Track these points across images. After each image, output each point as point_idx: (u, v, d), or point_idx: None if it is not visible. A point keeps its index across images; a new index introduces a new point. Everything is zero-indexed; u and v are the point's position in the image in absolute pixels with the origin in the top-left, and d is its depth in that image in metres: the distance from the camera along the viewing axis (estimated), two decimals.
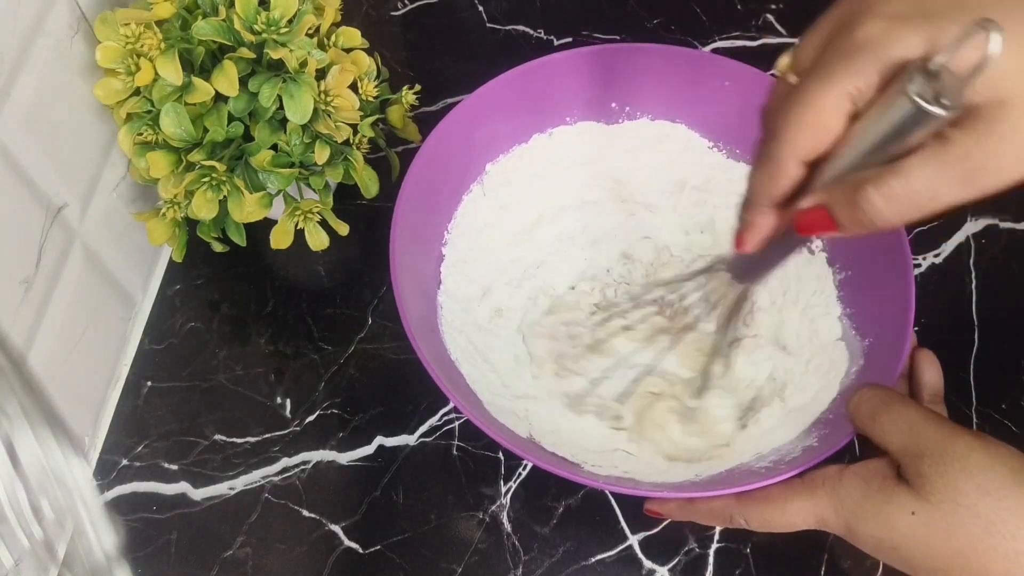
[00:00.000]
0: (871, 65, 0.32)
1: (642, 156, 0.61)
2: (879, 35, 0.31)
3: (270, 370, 0.59)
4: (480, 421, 0.45)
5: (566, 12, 0.75)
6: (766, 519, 0.43)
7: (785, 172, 0.35)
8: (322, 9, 0.55)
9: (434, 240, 0.57)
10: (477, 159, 0.59)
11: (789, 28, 0.73)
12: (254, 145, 0.52)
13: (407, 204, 0.53)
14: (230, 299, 0.62)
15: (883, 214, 0.32)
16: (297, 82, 0.50)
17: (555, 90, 0.59)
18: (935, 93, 0.30)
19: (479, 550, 0.53)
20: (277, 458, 0.56)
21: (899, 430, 0.40)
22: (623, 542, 0.53)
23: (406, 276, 0.51)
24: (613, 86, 0.59)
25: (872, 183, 0.32)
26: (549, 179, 0.61)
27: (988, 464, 0.37)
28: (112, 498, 0.54)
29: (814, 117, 0.33)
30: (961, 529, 0.37)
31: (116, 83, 0.50)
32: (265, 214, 0.53)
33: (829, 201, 0.34)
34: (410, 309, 0.49)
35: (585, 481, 0.46)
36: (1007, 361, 0.59)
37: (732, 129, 0.59)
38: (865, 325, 0.52)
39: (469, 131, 0.57)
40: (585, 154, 0.61)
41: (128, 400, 0.58)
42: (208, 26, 0.49)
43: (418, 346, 0.47)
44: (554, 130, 0.60)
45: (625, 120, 0.61)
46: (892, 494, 0.39)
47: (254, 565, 0.52)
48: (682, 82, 0.58)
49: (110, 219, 0.56)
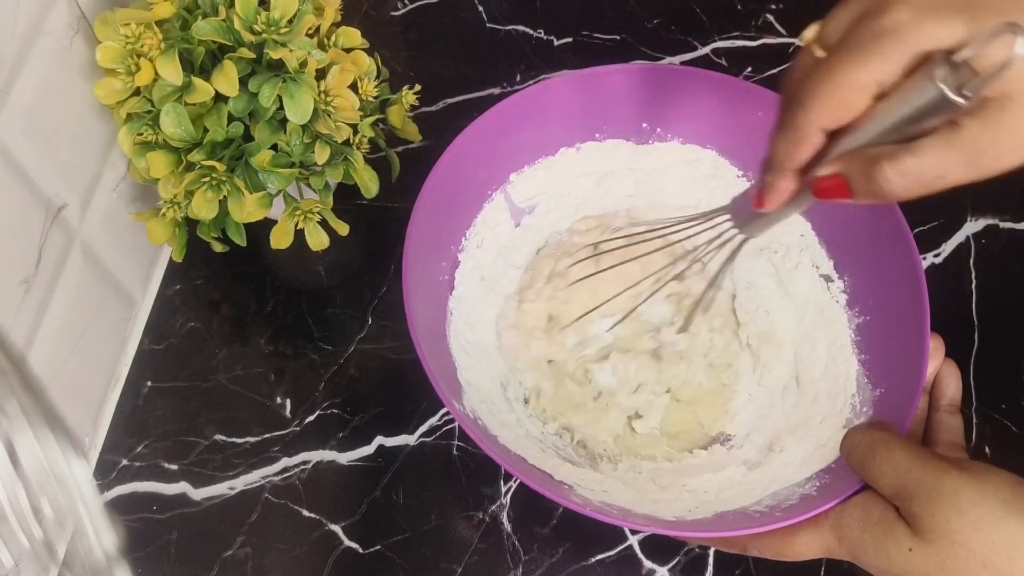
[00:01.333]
0: (901, 52, 0.34)
1: (670, 178, 0.60)
2: (909, 23, 0.34)
3: (270, 370, 0.59)
4: (474, 433, 0.45)
5: (566, 12, 0.75)
6: (777, 550, 0.44)
7: (809, 140, 0.37)
8: (322, 9, 0.54)
9: (451, 245, 0.56)
10: (501, 167, 0.58)
11: (789, 28, 0.73)
12: (254, 145, 0.52)
13: (426, 206, 0.52)
14: (230, 299, 0.62)
15: (895, 188, 0.35)
16: (297, 82, 0.50)
17: (588, 105, 0.58)
18: (958, 84, 0.33)
19: (479, 550, 0.53)
20: (277, 458, 0.56)
21: (888, 474, 0.41)
22: (623, 542, 0.53)
23: (417, 279, 0.50)
24: (647, 106, 0.59)
25: (888, 159, 0.34)
26: (573, 193, 0.60)
27: (977, 499, 0.38)
28: (112, 498, 0.55)
29: (843, 94, 0.35)
30: (957, 564, 0.38)
31: (116, 83, 0.50)
32: (265, 214, 0.53)
33: (847, 171, 0.36)
34: (418, 313, 0.48)
35: (573, 506, 0.44)
36: (1007, 361, 0.59)
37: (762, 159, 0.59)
38: (877, 375, 0.51)
39: (496, 138, 0.56)
40: (612, 170, 0.60)
41: (128, 400, 0.58)
42: (208, 26, 0.49)
43: (422, 352, 0.47)
44: (583, 145, 0.60)
45: (655, 141, 0.60)
46: (890, 527, 0.40)
47: (254, 565, 0.52)
48: (717, 108, 0.58)
49: (110, 219, 0.56)
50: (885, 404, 0.49)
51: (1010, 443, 0.56)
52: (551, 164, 0.60)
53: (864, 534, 0.41)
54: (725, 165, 0.60)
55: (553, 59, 0.72)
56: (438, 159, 0.53)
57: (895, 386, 0.49)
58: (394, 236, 0.64)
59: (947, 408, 0.47)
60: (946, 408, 0.47)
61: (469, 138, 0.55)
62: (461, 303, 0.55)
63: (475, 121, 0.55)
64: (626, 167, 0.60)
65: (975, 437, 0.56)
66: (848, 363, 0.53)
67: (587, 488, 0.48)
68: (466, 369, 0.52)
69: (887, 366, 0.50)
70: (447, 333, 0.54)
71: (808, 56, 0.38)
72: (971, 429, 0.56)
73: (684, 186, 0.60)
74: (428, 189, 0.52)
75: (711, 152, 0.60)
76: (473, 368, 0.53)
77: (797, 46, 0.72)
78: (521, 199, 0.60)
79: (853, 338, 0.53)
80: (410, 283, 0.49)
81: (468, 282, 0.56)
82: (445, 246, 0.56)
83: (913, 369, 0.47)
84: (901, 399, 0.47)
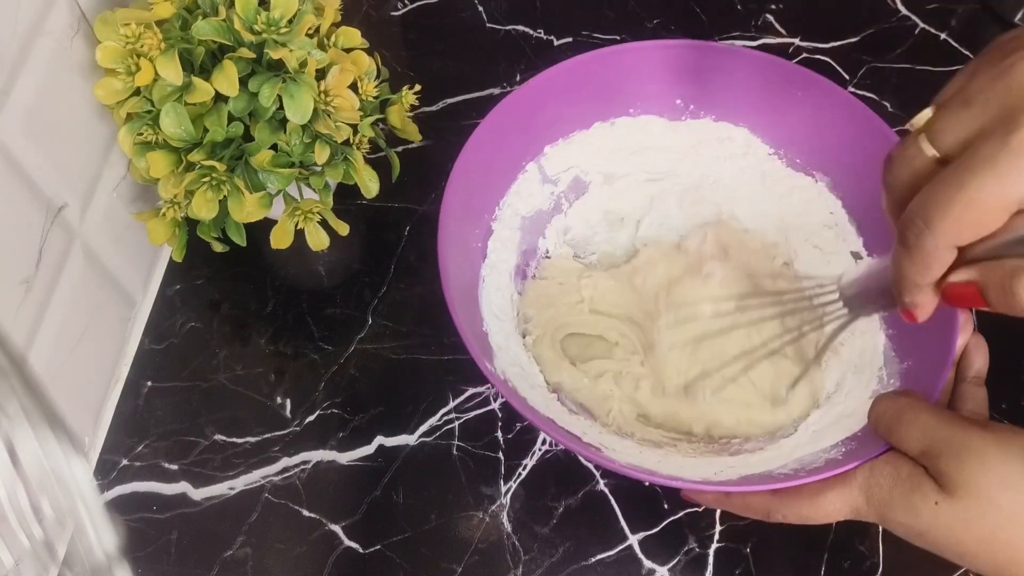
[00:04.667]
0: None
1: (701, 155, 0.61)
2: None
3: (270, 370, 0.59)
4: (507, 392, 0.46)
5: (566, 12, 0.75)
6: (803, 514, 0.44)
7: (940, 260, 0.36)
8: (322, 9, 0.55)
9: (484, 213, 0.56)
10: (536, 138, 0.58)
11: (789, 28, 0.74)
12: (254, 145, 0.52)
13: (462, 172, 0.52)
14: (230, 299, 0.62)
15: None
16: (297, 82, 0.50)
17: (622, 80, 0.58)
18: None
19: (479, 550, 0.53)
20: (277, 458, 0.56)
21: (915, 436, 0.41)
22: (623, 542, 0.53)
23: (452, 244, 0.50)
24: (680, 83, 0.59)
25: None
26: (608, 166, 0.61)
27: (1003, 458, 0.39)
28: (112, 498, 0.55)
29: (977, 215, 0.33)
30: (983, 520, 0.39)
31: (116, 83, 0.50)
32: (265, 214, 0.53)
33: (983, 281, 0.35)
34: (453, 278, 0.49)
35: (604, 463, 0.45)
36: (1007, 361, 0.59)
37: (796, 139, 0.58)
38: (905, 348, 0.51)
39: (532, 110, 0.57)
40: (645, 146, 0.61)
41: (128, 400, 0.58)
42: (208, 26, 0.49)
43: (455, 309, 0.47)
44: (617, 120, 0.60)
45: (688, 118, 0.60)
46: (919, 483, 0.41)
47: (254, 565, 0.52)
48: (752, 86, 0.58)
49: (110, 219, 0.56)
50: (912, 376, 0.49)
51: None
52: (585, 137, 0.60)
53: (893, 490, 0.41)
54: (757, 143, 0.60)
55: (553, 59, 0.71)
56: (474, 131, 0.53)
57: (924, 359, 0.49)
58: (394, 236, 0.64)
59: (974, 380, 0.48)
60: (973, 380, 0.48)
61: (505, 109, 0.55)
62: (493, 271, 0.56)
63: (508, 96, 0.55)
64: (659, 144, 0.61)
65: None
66: (875, 337, 0.53)
67: (612, 450, 0.49)
68: (497, 334, 0.53)
69: (915, 340, 0.51)
70: (479, 298, 0.54)
71: (917, 150, 0.35)
72: None
73: (716, 163, 0.61)
74: (463, 157, 0.52)
75: (743, 130, 0.60)
76: (504, 334, 0.54)
77: (797, 46, 0.72)
78: (554, 171, 0.60)
79: (880, 313, 0.54)
80: (444, 246, 0.49)
81: (499, 252, 0.57)
82: (478, 213, 0.56)
83: (943, 342, 0.47)
84: (930, 371, 0.48)
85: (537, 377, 0.54)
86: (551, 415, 0.50)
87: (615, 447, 0.50)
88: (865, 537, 0.53)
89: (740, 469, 0.49)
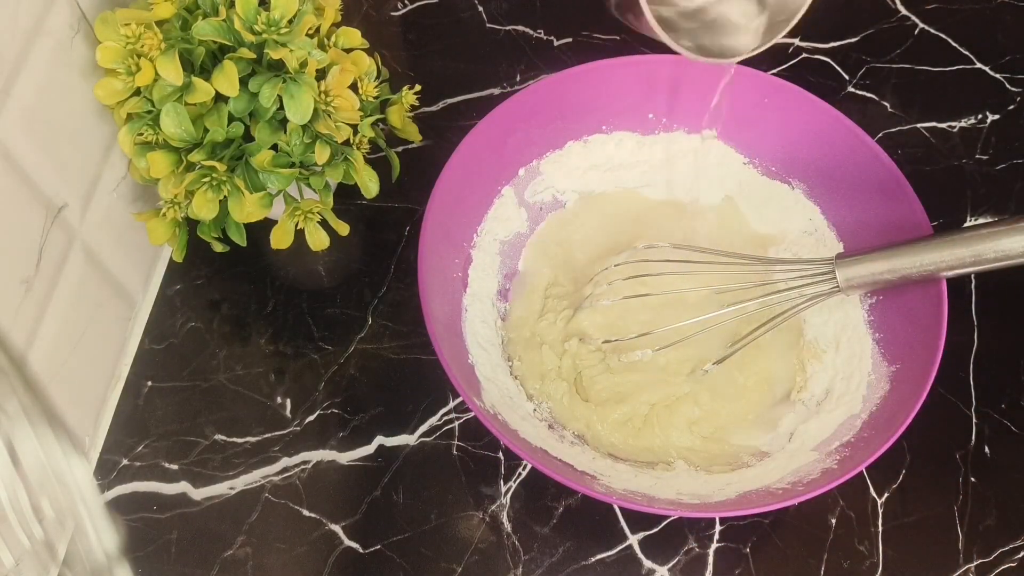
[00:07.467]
0: None
1: (676, 167, 0.61)
2: None
3: (270, 370, 0.59)
4: (495, 429, 0.45)
5: (566, 12, 0.75)
6: None
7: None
8: (322, 9, 0.55)
9: (463, 242, 0.57)
10: (510, 162, 0.59)
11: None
12: (254, 145, 0.52)
13: (438, 204, 0.52)
14: (230, 299, 0.62)
15: None
16: (297, 82, 0.50)
17: (593, 98, 0.59)
18: None
19: (479, 550, 0.53)
20: (277, 458, 0.56)
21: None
22: (623, 542, 0.53)
23: (432, 277, 0.51)
24: (651, 98, 0.59)
25: None
26: (582, 185, 0.61)
27: None
28: (112, 498, 0.54)
29: None
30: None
31: (116, 83, 0.50)
32: (265, 214, 0.53)
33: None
34: (436, 312, 0.49)
35: (599, 496, 0.45)
36: (1007, 361, 0.59)
37: (768, 146, 0.59)
38: (892, 352, 0.52)
39: (504, 135, 0.57)
40: (620, 162, 0.61)
41: (128, 400, 0.58)
42: (208, 26, 0.49)
43: (440, 350, 0.47)
44: (590, 138, 0.60)
45: (661, 132, 0.60)
46: None
47: (254, 565, 0.52)
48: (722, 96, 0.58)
49: (110, 219, 0.56)
50: (901, 379, 0.50)
51: (1010, 443, 0.56)
52: (559, 158, 0.60)
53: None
54: (731, 153, 0.60)
55: (553, 59, 0.72)
56: (447, 159, 0.54)
57: (912, 362, 0.49)
58: (394, 236, 0.64)
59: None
60: None
61: (477, 136, 0.55)
62: (476, 300, 0.56)
63: (481, 121, 0.56)
64: (633, 158, 0.61)
65: (975, 437, 0.56)
66: (863, 343, 0.53)
67: (607, 476, 0.49)
68: (483, 365, 0.53)
69: (902, 342, 0.51)
70: (463, 330, 0.54)
71: None
72: (971, 429, 0.56)
73: (691, 175, 0.61)
74: (439, 188, 0.53)
75: (717, 141, 0.60)
76: (490, 365, 0.54)
77: (797, 46, 0.72)
78: (530, 194, 0.60)
79: (867, 318, 0.54)
80: (425, 281, 0.50)
81: (481, 280, 0.57)
82: (458, 243, 0.56)
83: (930, 345, 0.48)
84: (918, 372, 0.48)
85: (526, 406, 0.54)
86: (544, 446, 0.50)
87: (608, 473, 0.50)
88: (865, 537, 0.53)
89: (737, 486, 0.49)
